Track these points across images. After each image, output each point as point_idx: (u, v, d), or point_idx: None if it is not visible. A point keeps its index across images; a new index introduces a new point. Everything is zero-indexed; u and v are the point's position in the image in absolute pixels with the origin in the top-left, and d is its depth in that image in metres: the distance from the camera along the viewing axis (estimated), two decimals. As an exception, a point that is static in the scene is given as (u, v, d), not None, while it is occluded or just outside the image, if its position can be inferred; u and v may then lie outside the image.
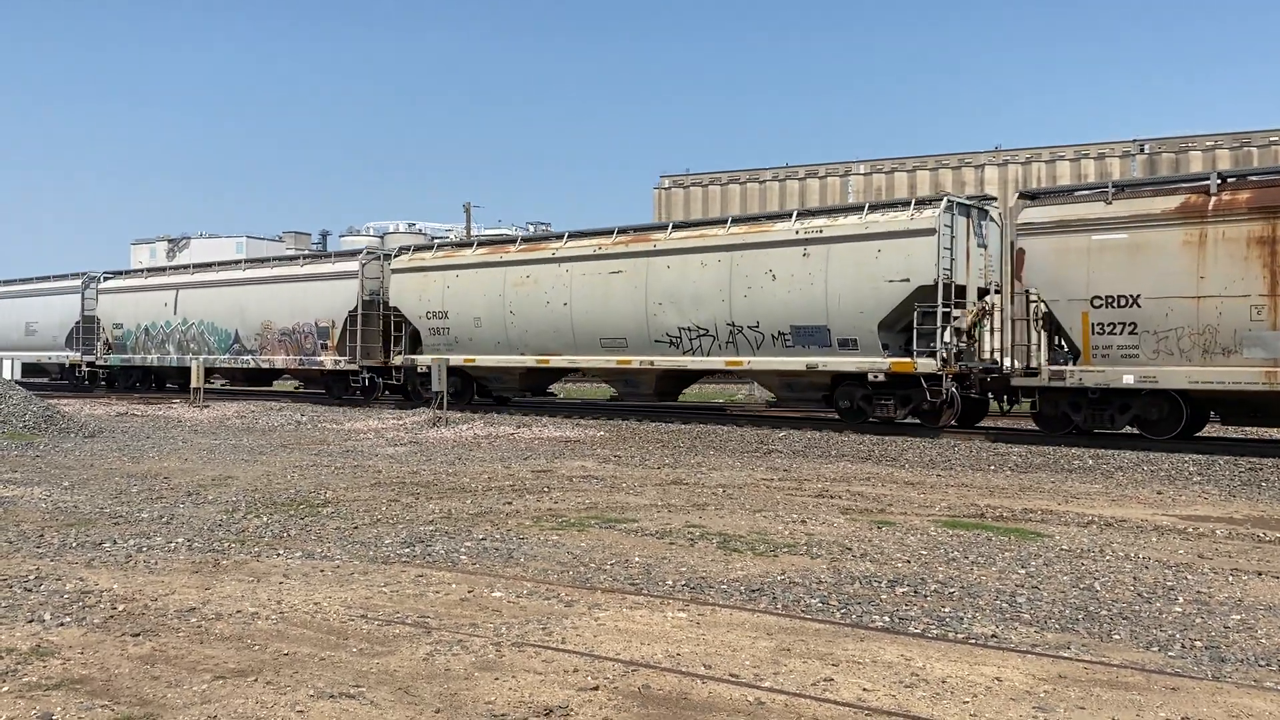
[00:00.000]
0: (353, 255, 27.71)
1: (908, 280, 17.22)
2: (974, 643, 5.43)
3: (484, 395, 25.14)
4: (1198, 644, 5.43)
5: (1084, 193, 16.66)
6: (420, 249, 26.40)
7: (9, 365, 35.37)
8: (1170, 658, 5.20)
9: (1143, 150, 41.20)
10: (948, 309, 16.98)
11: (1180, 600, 6.40)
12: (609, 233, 21.99)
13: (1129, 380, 15.25)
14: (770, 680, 4.76)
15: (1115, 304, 15.26)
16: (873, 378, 17.80)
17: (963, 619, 5.88)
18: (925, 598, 6.40)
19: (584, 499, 10.43)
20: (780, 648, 5.28)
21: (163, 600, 6.15)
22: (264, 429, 19.72)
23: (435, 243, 26.61)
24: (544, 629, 5.58)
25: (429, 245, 26.43)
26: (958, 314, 17.24)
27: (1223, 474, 12.82)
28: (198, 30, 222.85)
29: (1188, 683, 4.77)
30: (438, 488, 11.22)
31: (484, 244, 24.86)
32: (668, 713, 4.35)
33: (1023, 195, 17.08)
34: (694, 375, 22.05)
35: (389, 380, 25.88)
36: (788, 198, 46.39)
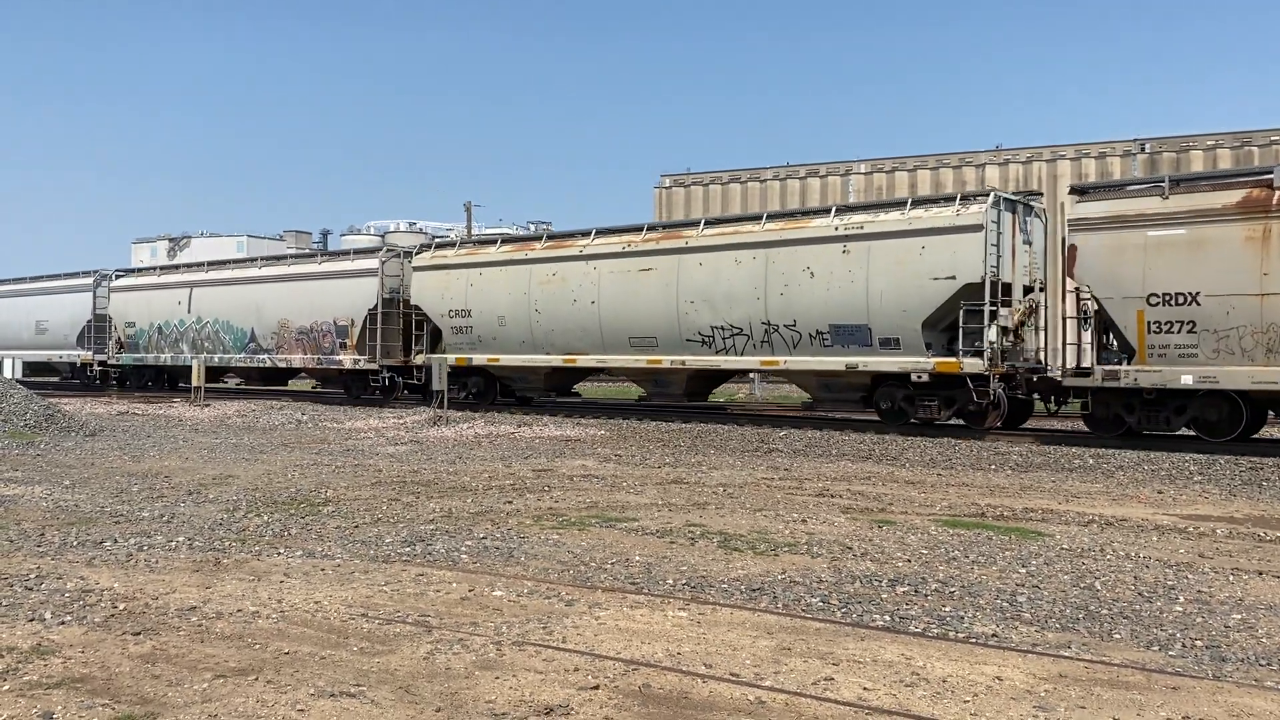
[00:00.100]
0: (372, 253, 27.21)
1: (954, 278, 16.75)
2: (974, 642, 5.43)
3: (507, 395, 24.66)
4: (1198, 643, 5.43)
5: (1137, 187, 16.12)
6: (442, 246, 25.78)
7: (9, 364, 35.29)
8: (1171, 657, 5.20)
9: (1143, 150, 41.18)
10: (995, 307, 16.54)
11: (1181, 599, 6.40)
12: (638, 229, 21.57)
13: (1187, 381, 14.77)
14: (771, 679, 4.76)
15: (1173, 302, 14.79)
16: (916, 378, 17.29)
17: (963, 618, 5.88)
18: (926, 597, 6.40)
19: (585, 498, 10.43)
20: (781, 647, 5.28)
21: (163, 599, 6.16)
22: (264, 428, 19.72)
23: (458, 240, 25.98)
24: (544, 628, 5.59)
25: (451, 243, 25.93)
26: (1004, 312, 16.79)
27: (1223, 473, 12.81)
28: (198, 29, 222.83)
29: (1188, 682, 4.77)
30: (438, 487, 11.22)
31: (508, 241, 24.34)
32: (668, 712, 4.36)
33: (1074, 190, 16.52)
34: (724, 375, 21.60)
35: (408, 380, 25.40)
36: (788, 197, 46.38)
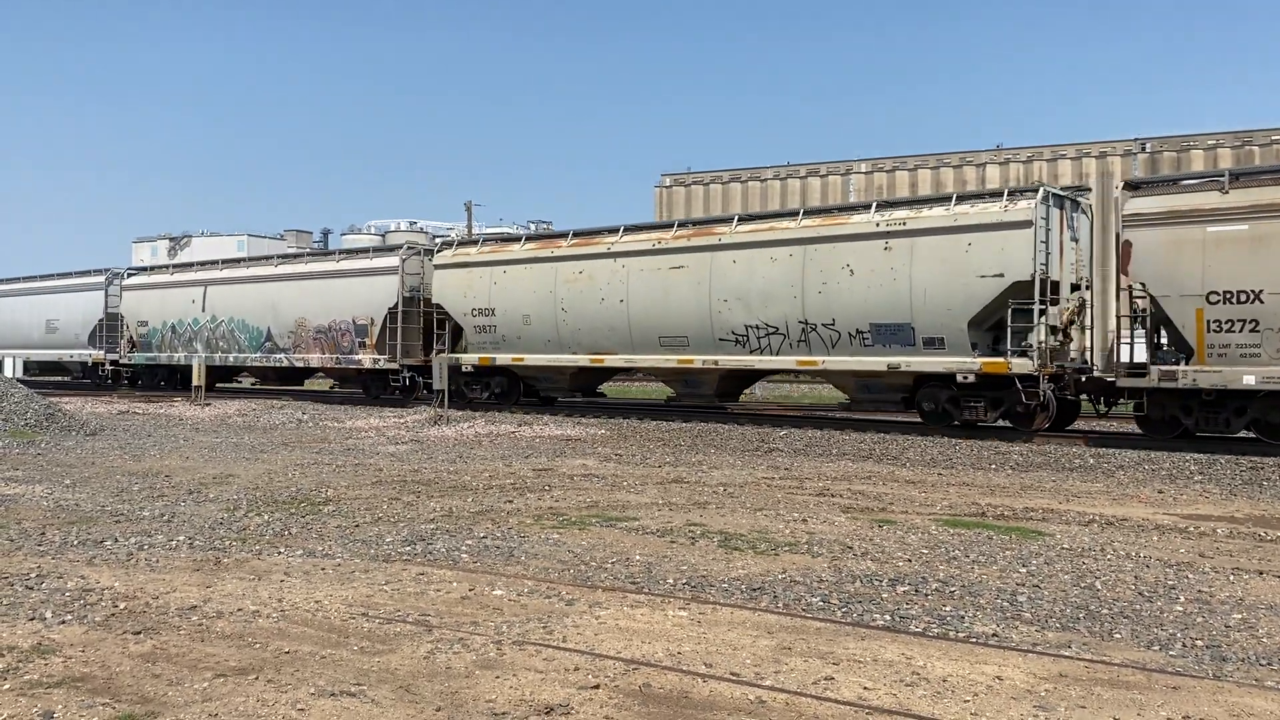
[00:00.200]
0: (392, 250, 26.79)
1: (1002, 275, 16.33)
2: (975, 641, 5.43)
3: (530, 395, 24.22)
4: (1199, 643, 5.43)
5: (1193, 181, 15.77)
6: (464, 244, 25.45)
7: (9, 363, 35.28)
8: (1171, 657, 5.20)
9: (1144, 149, 41.17)
10: (1044, 306, 16.17)
11: (1181, 599, 6.40)
12: (668, 226, 21.35)
13: (1250, 381, 14.32)
14: (771, 679, 4.76)
15: (1234, 300, 14.37)
16: (962, 379, 16.85)
17: (964, 618, 5.88)
18: (926, 596, 6.40)
19: (585, 497, 10.43)
20: (781, 646, 5.28)
21: (164, 598, 6.16)
22: (265, 427, 19.72)
23: (480, 237, 25.18)
24: (545, 627, 5.59)
25: (473, 240, 25.40)
26: (1053, 311, 16.39)
27: (1224, 473, 12.81)
28: (198, 29, 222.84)
29: (1189, 682, 4.77)
30: (439, 486, 11.22)
31: (532, 239, 23.97)
32: (668, 711, 4.36)
33: (1128, 184, 16.14)
34: (756, 375, 21.19)
35: (428, 379, 24.81)
36: (789, 196, 46.36)
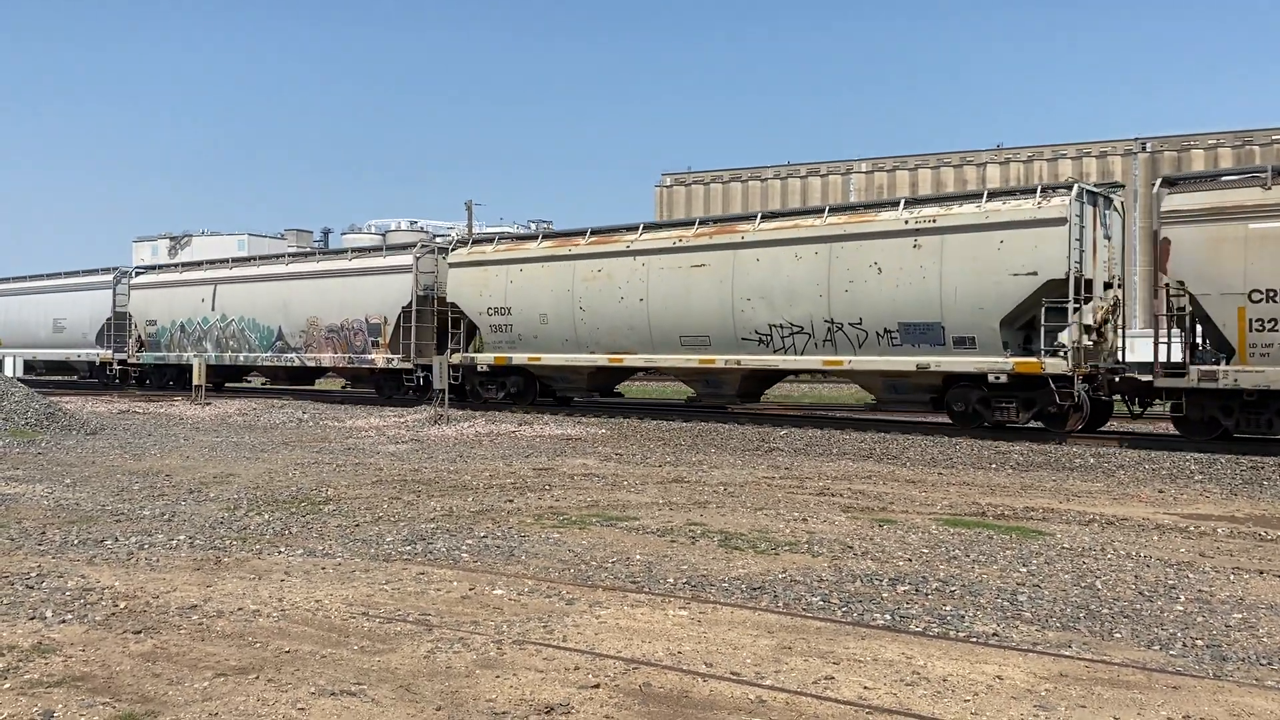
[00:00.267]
0: (406, 249, 26.45)
1: (1035, 274, 16.00)
2: (975, 641, 5.43)
3: (546, 395, 23.77)
4: (1199, 643, 5.42)
5: (1234, 177, 15.55)
6: (480, 241, 25.02)
7: (10, 362, 35.23)
8: (1172, 656, 5.20)
9: (1144, 149, 41.13)
10: (1078, 304, 15.84)
11: (1182, 599, 6.40)
12: (689, 224, 21.12)
13: None
14: (771, 678, 4.76)
15: (1278, 298, 14.11)
16: (994, 379, 16.50)
17: (964, 617, 5.88)
18: (926, 596, 6.40)
19: (585, 497, 10.43)
20: (781, 646, 5.28)
21: (164, 598, 6.16)
22: (265, 426, 19.73)
23: (496, 235, 24.78)
24: (545, 627, 5.59)
25: (489, 238, 24.98)
26: (1087, 310, 16.08)
27: (1224, 473, 12.80)
28: (198, 29, 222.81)
29: (1189, 681, 4.77)
30: (439, 485, 11.22)
31: (549, 237, 23.54)
32: (669, 710, 4.36)
33: (1166, 181, 15.76)
34: (779, 375, 20.93)
35: None
36: (789, 196, 46.39)
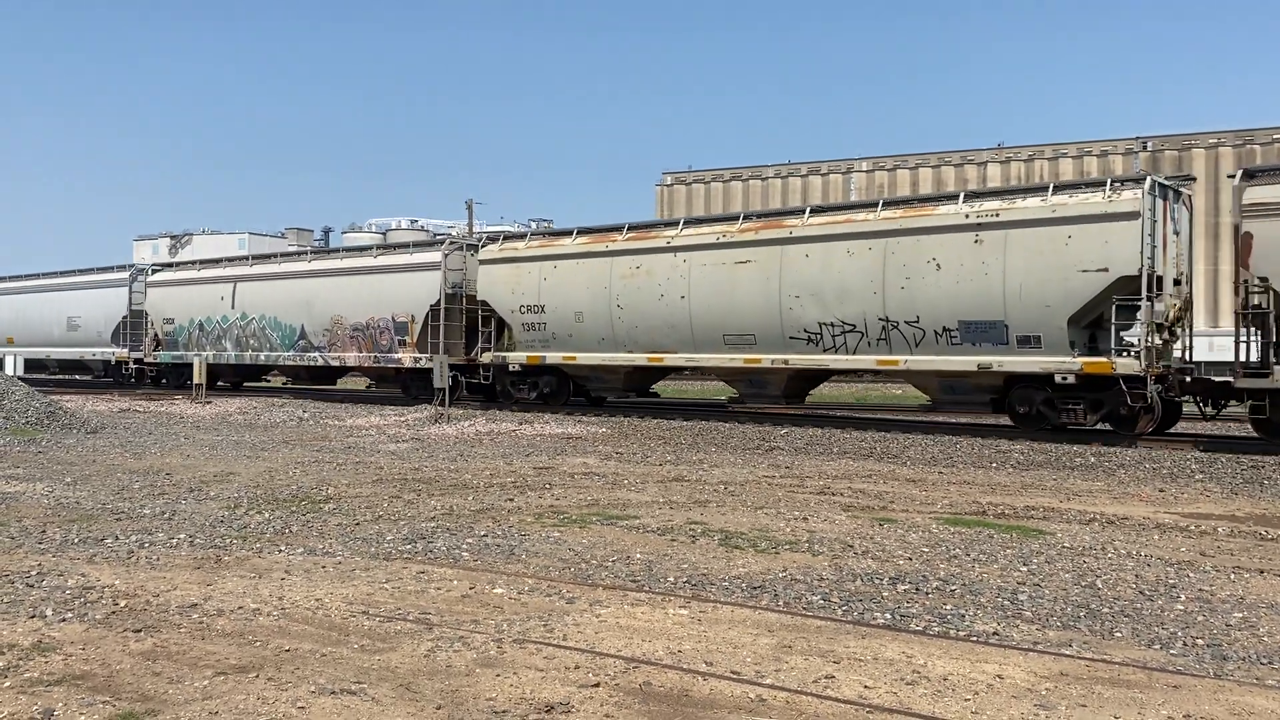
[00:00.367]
0: (433, 245, 25.94)
1: (1106, 270, 15.33)
2: (975, 640, 5.42)
3: (579, 395, 23.22)
4: (1200, 642, 5.42)
5: None
6: (511, 238, 24.44)
7: (11, 361, 35.22)
8: (1172, 656, 5.20)
9: (1145, 148, 41.15)
10: (1150, 302, 15.27)
11: (1182, 598, 6.39)
12: (733, 219, 20.45)
13: None
14: (771, 677, 4.76)
15: None
16: (1060, 379, 15.84)
17: (964, 616, 5.88)
18: (927, 595, 6.40)
19: (586, 495, 10.43)
20: (782, 645, 5.28)
21: (164, 596, 6.16)
22: (266, 425, 19.73)
23: (528, 231, 24.19)
24: (545, 626, 5.59)
25: (520, 234, 24.37)
26: (1159, 307, 15.51)
27: (1225, 472, 12.80)
28: (198, 28, 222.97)
29: (1190, 681, 4.77)
30: (439, 484, 11.22)
31: (584, 232, 22.82)
32: (669, 710, 4.35)
33: (1247, 173, 15.24)
34: (825, 375, 20.35)
35: (471, 379, 23.88)
36: (789, 195, 46.37)
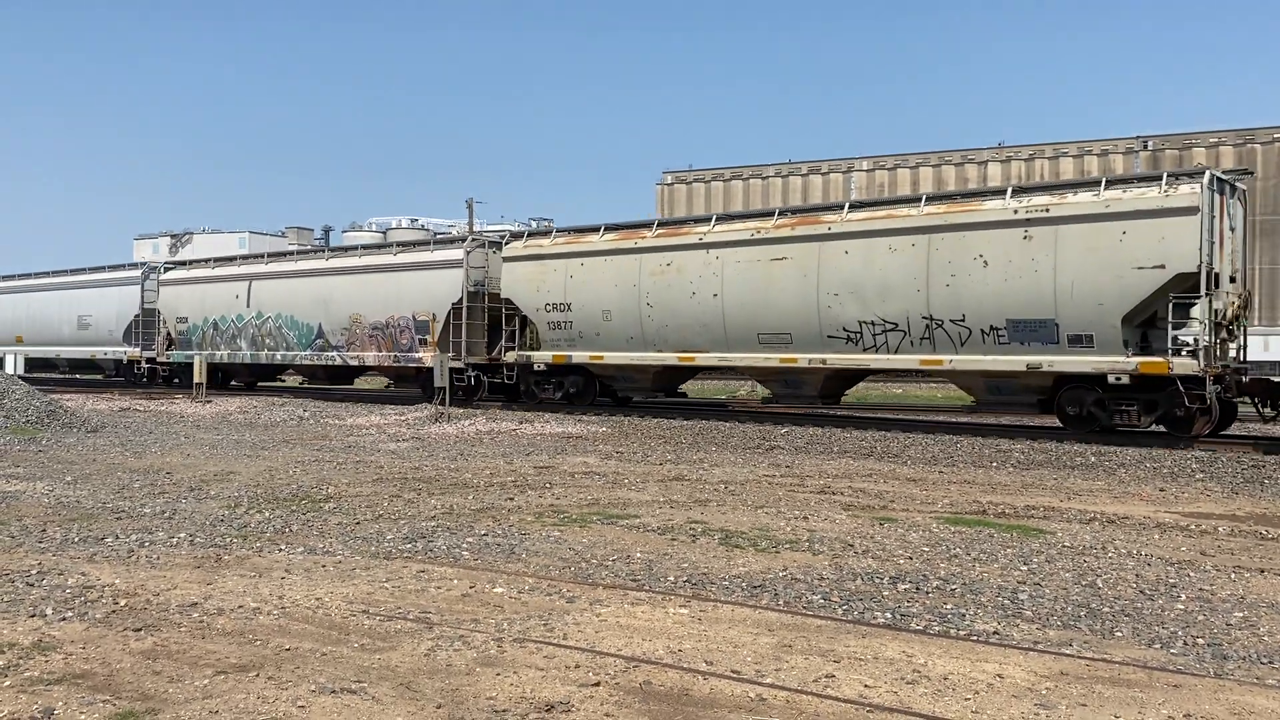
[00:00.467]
0: (455, 243, 25.48)
1: (1163, 267, 14.85)
2: (976, 639, 5.42)
3: (605, 395, 22.76)
4: (1200, 641, 5.42)
5: None
6: (536, 235, 23.91)
7: (11, 360, 35.20)
8: (1173, 655, 5.20)
9: (1146, 147, 41.15)
10: (1209, 300, 14.84)
11: (1183, 598, 6.39)
12: (768, 214, 19.91)
13: None
14: (772, 676, 4.76)
15: None
16: (1114, 380, 15.40)
17: (965, 616, 5.88)
18: (927, 594, 6.40)
19: (586, 495, 10.43)
20: (782, 644, 5.27)
21: (165, 595, 6.16)
22: (266, 424, 19.73)
23: (553, 228, 23.72)
24: (545, 625, 5.58)
25: (545, 231, 23.74)
26: (1218, 306, 15.08)
27: (1225, 471, 12.80)
28: (199, 27, 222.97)
29: (1190, 680, 4.77)
30: (440, 483, 11.22)
31: (612, 229, 22.27)
32: (669, 709, 4.35)
33: None
34: (861, 375, 19.92)
35: (494, 378, 23.56)
36: (790, 194, 46.36)
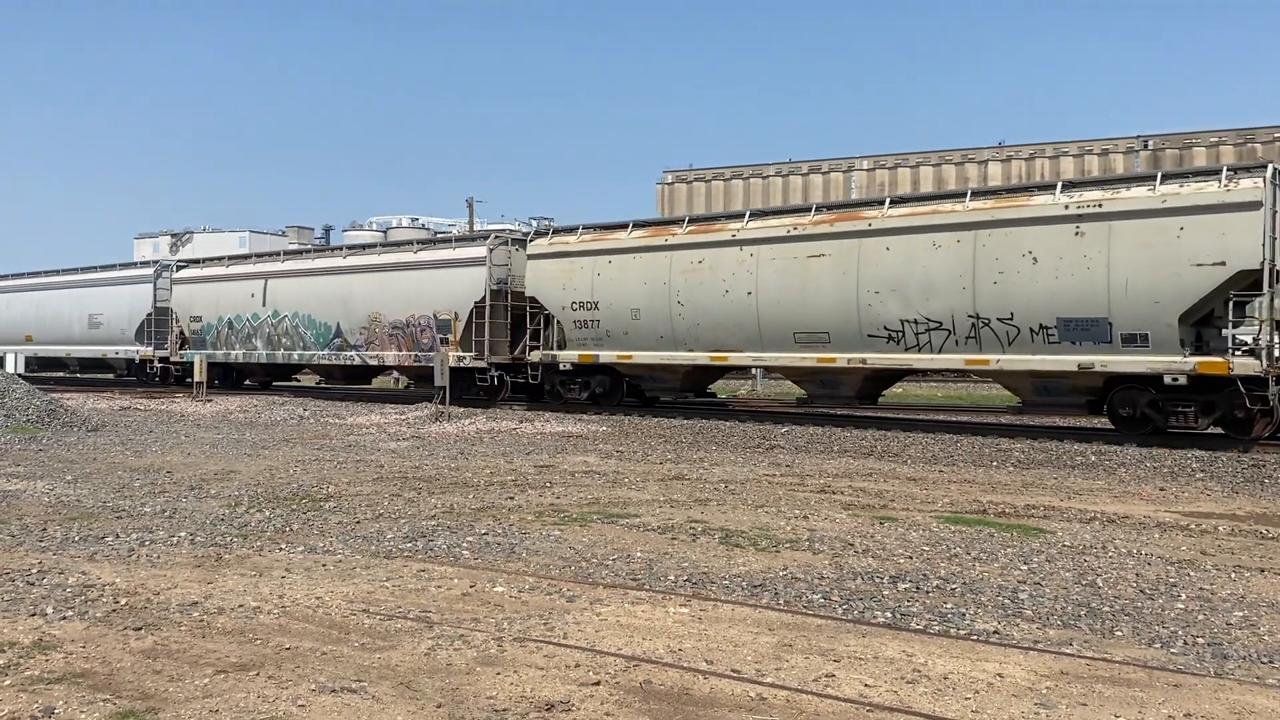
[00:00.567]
0: (476, 240, 25.15)
1: (1223, 264, 14.37)
2: (976, 639, 5.42)
3: (632, 395, 22.39)
4: (1200, 641, 5.42)
5: None
6: (562, 231, 23.28)
7: (12, 359, 35.17)
8: (1173, 654, 5.20)
9: (1146, 146, 41.14)
10: (1273, 298, 14.32)
11: (1183, 597, 6.39)
12: (804, 210, 19.51)
13: None
14: (772, 676, 4.75)
15: None
16: (1170, 380, 14.92)
17: (965, 615, 5.88)
18: (927, 594, 6.40)
19: (586, 494, 10.43)
20: (782, 643, 5.27)
21: (165, 594, 6.16)
22: (266, 423, 19.73)
23: (579, 225, 23.10)
24: (546, 624, 5.59)
25: (571, 228, 23.27)
26: (1279, 303, 14.52)
27: (1225, 470, 12.79)
28: (199, 26, 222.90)
29: (1190, 679, 4.77)
30: (440, 482, 11.22)
31: (641, 225, 21.83)
32: (669, 708, 4.35)
33: None
34: (900, 375, 19.56)
35: (517, 378, 23.14)
36: (791, 193, 46.37)
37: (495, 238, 24.16)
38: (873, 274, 17.58)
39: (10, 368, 33.12)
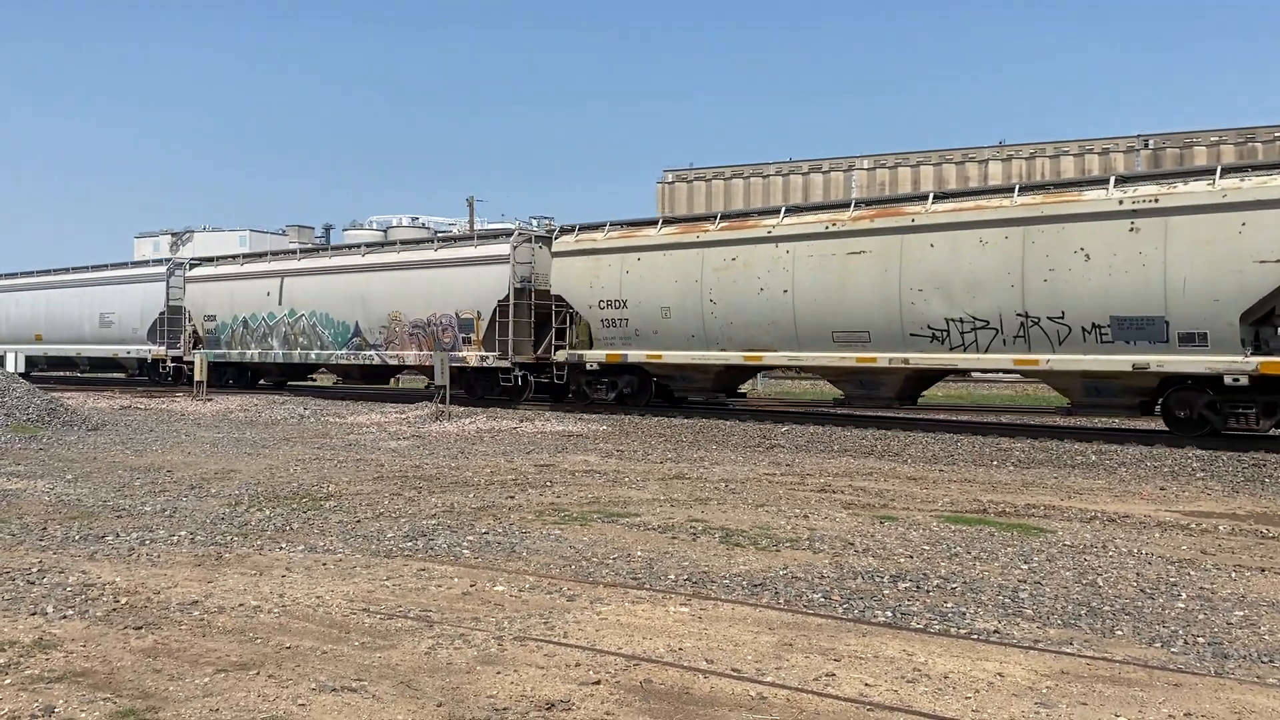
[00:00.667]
0: (499, 237, 24.65)
1: None
2: (976, 638, 5.42)
3: (661, 396, 22.03)
4: (1201, 640, 5.42)
5: None
6: (588, 228, 22.56)
7: (12, 358, 35.14)
8: (1173, 654, 5.20)
9: (1147, 145, 41.15)
10: None
11: (1183, 596, 6.39)
12: (843, 206, 19.03)
13: None
14: (772, 675, 4.76)
15: None
16: (1231, 381, 14.52)
17: (965, 614, 5.88)
18: (927, 593, 6.40)
19: (586, 493, 10.43)
20: (782, 642, 5.27)
21: (165, 593, 6.16)
22: (267, 422, 19.74)
23: (607, 222, 22.57)
24: (546, 623, 5.59)
25: (599, 225, 22.64)
26: None
27: (1226, 470, 12.79)
28: (200, 26, 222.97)
29: (1190, 679, 4.77)
30: (440, 481, 11.23)
31: (670, 222, 21.56)
32: (669, 707, 4.35)
33: None
34: (941, 375, 19.16)
35: (541, 378, 22.87)
36: (790, 192, 46.38)
37: (519, 235, 23.99)
38: (916, 271, 17.16)
39: (10, 367, 33.10)
